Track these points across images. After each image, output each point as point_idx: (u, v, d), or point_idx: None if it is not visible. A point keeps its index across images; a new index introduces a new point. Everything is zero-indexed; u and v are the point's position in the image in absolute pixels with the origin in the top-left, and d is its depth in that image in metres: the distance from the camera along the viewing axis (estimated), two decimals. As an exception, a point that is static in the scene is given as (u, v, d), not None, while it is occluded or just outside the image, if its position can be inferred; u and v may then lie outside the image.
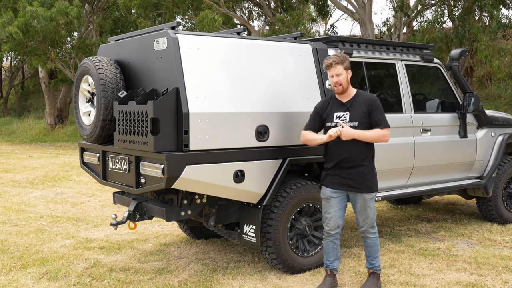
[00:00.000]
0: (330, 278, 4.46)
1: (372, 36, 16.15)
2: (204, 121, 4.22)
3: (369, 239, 4.40)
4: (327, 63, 4.30)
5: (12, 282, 4.73)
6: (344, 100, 4.36)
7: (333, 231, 4.39)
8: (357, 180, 4.28)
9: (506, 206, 6.67)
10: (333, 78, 4.29)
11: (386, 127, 4.28)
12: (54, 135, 22.64)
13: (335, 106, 4.37)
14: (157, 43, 4.37)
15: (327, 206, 4.39)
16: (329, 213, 4.38)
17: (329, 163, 4.39)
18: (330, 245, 4.44)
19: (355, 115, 4.28)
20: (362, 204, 4.32)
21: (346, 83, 4.30)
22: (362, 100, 4.31)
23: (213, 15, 14.67)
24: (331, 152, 4.36)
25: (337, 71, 4.26)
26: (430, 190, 5.93)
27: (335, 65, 4.25)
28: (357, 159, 4.27)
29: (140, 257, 5.47)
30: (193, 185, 4.27)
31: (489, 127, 6.50)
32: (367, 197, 4.30)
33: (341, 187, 4.33)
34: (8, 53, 22.10)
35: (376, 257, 4.43)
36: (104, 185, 5.32)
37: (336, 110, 4.34)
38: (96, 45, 18.82)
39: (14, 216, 7.48)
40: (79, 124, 5.02)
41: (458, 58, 6.19)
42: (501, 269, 4.92)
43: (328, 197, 4.37)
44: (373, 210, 4.34)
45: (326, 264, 4.49)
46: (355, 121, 4.27)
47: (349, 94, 4.36)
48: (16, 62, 30.63)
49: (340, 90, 4.31)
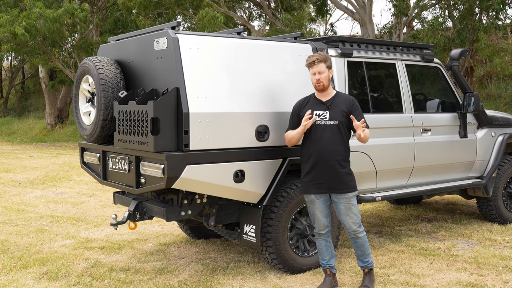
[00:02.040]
0: (330, 278, 4.47)
1: (372, 36, 16.15)
2: (204, 121, 4.22)
3: (359, 239, 4.39)
4: (310, 61, 4.35)
5: (12, 282, 4.73)
6: (324, 99, 4.39)
7: (323, 230, 4.42)
8: (338, 181, 4.28)
9: (506, 206, 6.67)
10: (315, 75, 4.34)
11: (368, 127, 4.35)
12: (54, 135, 22.65)
13: (314, 104, 4.40)
14: (157, 43, 4.37)
15: (312, 208, 4.42)
16: (315, 215, 4.42)
17: (307, 164, 4.35)
18: (323, 244, 4.48)
19: (335, 114, 4.31)
20: (347, 204, 4.30)
21: (327, 82, 4.35)
22: (342, 100, 4.36)
23: (214, 13, 14.64)
24: (309, 151, 4.34)
25: (319, 69, 4.31)
26: (430, 190, 5.93)
27: (318, 63, 4.31)
28: (337, 157, 4.27)
29: (140, 257, 5.47)
30: (193, 185, 4.27)
31: (489, 127, 6.50)
32: (350, 195, 4.30)
33: (322, 190, 4.34)
34: (8, 52, 22.08)
35: (368, 254, 4.44)
36: (104, 185, 5.32)
37: (315, 108, 4.36)
38: (97, 45, 18.82)
39: (14, 216, 7.48)
40: (79, 124, 5.02)
41: (458, 58, 6.20)
42: (501, 269, 4.92)
43: (313, 199, 4.39)
44: (357, 208, 4.35)
45: (323, 264, 4.50)
46: (336, 120, 4.29)
47: (329, 93, 4.40)
48: (16, 62, 30.64)
49: (321, 87, 4.35)
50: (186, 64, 4.20)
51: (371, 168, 5.32)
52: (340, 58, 5.22)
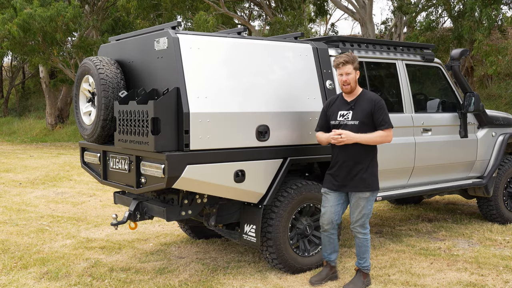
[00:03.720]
0: (327, 269, 4.57)
1: (372, 36, 16.15)
2: (204, 121, 4.22)
3: (358, 239, 4.46)
4: (338, 62, 4.38)
5: (12, 282, 4.74)
6: (349, 99, 4.45)
7: (326, 226, 4.47)
8: (352, 180, 4.37)
9: (506, 206, 6.67)
10: (342, 76, 4.37)
11: (389, 128, 4.35)
12: (55, 135, 22.65)
13: (340, 104, 4.47)
14: (157, 42, 4.37)
15: (324, 201, 4.52)
16: (324, 207, 4.50)
17: (333, 164, 4.48)
18: (326, 239, 4.55)
19: (357, 114, 4.35)
20: (356, 201, 4.38)
21: (354, 83, 4.39)
22: (366, 100, 4.38)
23: (207, 16, 14.78)
24: (336, 153, 4.45)
25: (347, 70, 4.34)
26: (431, 190, 5.93)
27: (345, 64, 4.33)
28: (360, 161, 4.35)
29: (141, 257, 5.47)
30: (193, 185, 4.27)
31: (490, 126, 6.50)
32: (361, 195, 4.35)
33: (338, 189, 4.44)
34: (8, 51, 22.09)
35: (364, 258, 4.47)
36: (104, 185, 5.32)
37: (340, 109, 4.45)
38: (97, 45, 18.82)
39: (14, 216, 7.48)
40: (79, 124, 5.02)
41: (459, 58, 6.20)
42: (501, 269, 4.92)
43: (326, 191, 4.49)
44: (365, 209, 4.36)
45: (324, 256, 4.62)
46: (356, 120, 4.34)
47: (355, 93, 4.45)
48: (16, 62, 30.65)
49: (348, 89, 4.39)
50: (186, 64, 4.20)
51: (371, 168, 5.31)
52: (341, 58, 5.21)
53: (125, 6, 17.10)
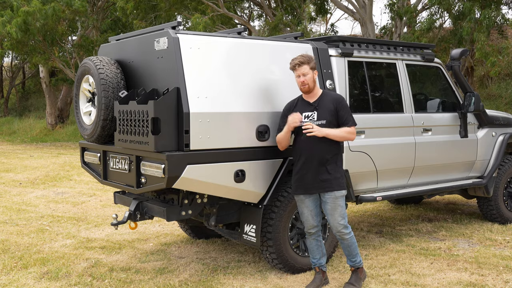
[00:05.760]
0: (319, 276, 4.52)
1: (372, 35, 16.14)
2: (204, 121, 4.22)
3: (345, 240, 4.37)
4: (293, 64, 4.38)
5: (13, 281, 4.74)
6: (311, 100, 4.42)
7: (312, 230, 4.44)
8: (325, 180, 4.28)
9: (507, 206, 6.67)
10: (299, 78, 4.36)
11: (353, 125, 4.35)
12: (55, 134, 22.65)
13: (302, 106, 4.43)
14: (157, 42, 4.37)
15: (301, 207, 4.44)
16: (303, 214, 4.44)
17: (298, 163, 4.38)
18: (314, 243, 4.50)
19: (323, 114, 4.33)
20: (332, 204, 4.29)
21: (312, 83, 4.37)
22: (329, 99, 4.38)
23: (201, 18, 14.87)
24: (300, 150, 4.36)
25: (303, 71, 4.33)
26: (431, 189, 5.92)
27: (301, 64, 4.33)
28: (326, 157, 4.28)
29: (141, 256, 5.47)
30: (193, 184, 4.27)
31: (490, 126, 6.50)
32: (337, 195, 4.29)
33: (310, 191, 4.34)
34: (8, 51, 22.11)
35: (356, 254, 4.44)
36: (105, 185, 5.32)
37: (304, 110, 4.39)
38: (98, 43, 18.83)
39: (15, 216, 7.48)
40: (79, 124, 5.02)
41: (459, 58, 6.20)
42: (502, 269, 4.92)
43: (302, 199, 4.41)
44: (343, 208, 4.34)
45: (314, 263, 4.55)
46: (323, 119, 4.32)
47: (315, 94, 4.43)
48: (17, 62, 30.65)
49: (307, 89, 4.37)
50: (186, 64, 4.20)
51: (371, 168, 5.32)
52: (341, 58, 5.22)
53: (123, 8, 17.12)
